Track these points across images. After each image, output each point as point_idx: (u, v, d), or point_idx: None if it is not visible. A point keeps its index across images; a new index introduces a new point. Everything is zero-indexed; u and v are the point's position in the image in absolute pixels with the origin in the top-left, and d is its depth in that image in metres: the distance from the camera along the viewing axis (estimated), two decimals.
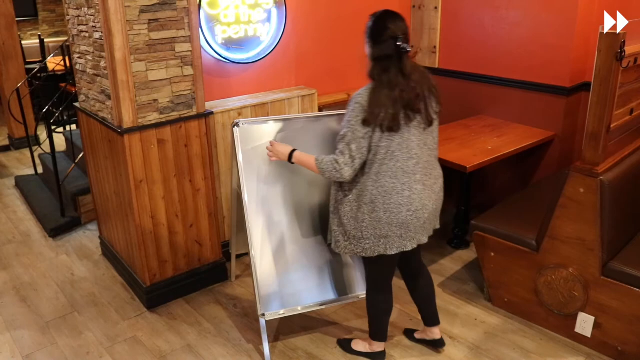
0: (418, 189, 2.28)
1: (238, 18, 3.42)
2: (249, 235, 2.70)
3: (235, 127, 2.74)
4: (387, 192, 2.25)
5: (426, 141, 2.30)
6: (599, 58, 2.41)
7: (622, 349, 2.64)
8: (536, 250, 2.83)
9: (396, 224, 2.29)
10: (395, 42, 2.15)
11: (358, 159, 2.22)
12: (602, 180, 2.53)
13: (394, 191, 2.25)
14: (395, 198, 2.26)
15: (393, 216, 2.27)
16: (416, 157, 2.26)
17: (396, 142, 2.21)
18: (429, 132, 2.30)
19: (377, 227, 2.30)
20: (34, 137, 5.74)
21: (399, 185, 2.25)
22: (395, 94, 2.17)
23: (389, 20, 2.19)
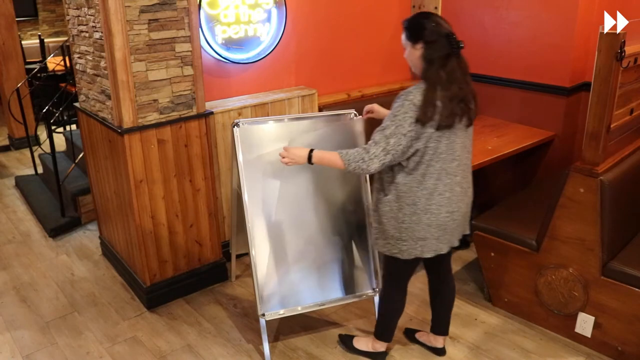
0: (457, 190, 2.27)
1: (238, 18, 3.42)
2: (249, 235, 2.70)
3: (235, 127, 2.73)
4: (430, 194, 2.23)
5: (465, 143, 2.28)
6: (599, 58, 2.41)
7: (622, 349, 2.64)
8: (536, 250, 2.83)
9: (435, 226, 2.27)
10: (449, 40, 2.12)
11: (391, 154, 2.15)
12: (602, 180, 2.53)
13: (436, 192, 2.23)
14: (437, 199, 2.23)
15: (433, 217, 2.25)
16: (458, 158, 2.25)
17: (444, 143, 2.18)
18: (468, 134, 2.29)
19: (416, 230, 2.27)
20: (34, 137, 5.74)
21: (441, 187, 2.23)
22: (452, 92, 2.13)
23: (436, 20, 2.16)
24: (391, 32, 4.31)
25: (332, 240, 2.87)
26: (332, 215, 2.87)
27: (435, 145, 2.17)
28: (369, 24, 4.11)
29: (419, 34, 2.15)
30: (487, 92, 4.04)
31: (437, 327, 2.73)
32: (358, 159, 2.20)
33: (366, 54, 4.18)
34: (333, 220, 2.88)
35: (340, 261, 2.88)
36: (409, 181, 2.24)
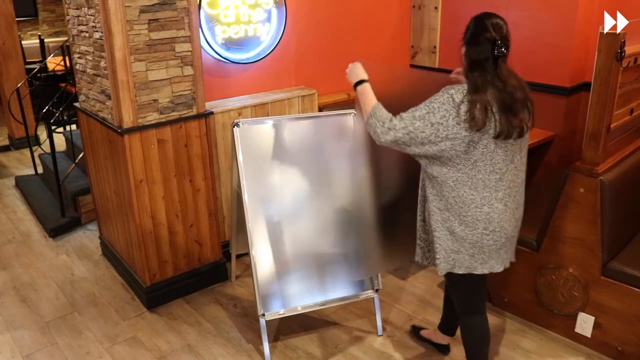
0: (499, 207, 2.08)
1: (238, 18, 3.42)
2: (249, 235, 2.70)
3: (235, 127, 2.74)
4: (465, 204, 2.07)
5: (513, 158, 2.08)
6: (599, 58, 2.41)
7: (622, 349, 2.64)
8: (536, 250, 2.83)
9: (470, 241, 2.11)
10: (493, 45, 2.00)
11: (409, 137, 2.02)
12: (602, 180, 2.53)
13: (473, 204, 2.06)
14: (473, 212, 2.07)
15: (468, 230, 2.09)
16: (499, 172, 2.05)
17: (479, 151, 2.00)
18: (517, 147, 2.08)
19: (449, 239, 2.14)
20: (34, 137, 5.74)
21: (479, 199, 2.06)
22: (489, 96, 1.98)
23: (489, 23, 2.06)
24: (391, 32, 4.31)
25: (332, 240, 2.87)
26: (332, 215, 2.87)
27: (466, 150, 2.00)
28: (369, 24, 4.11)
29: (467, 34, 2.10)
30: None
31: (447, 328, 2.71)
32: (381, 119, 2.09)
33: (366, 54, 4.18)
34: (333, 220, 2.87)
35: (340, 261, 2.88)
36: (439, 183, 2.10)
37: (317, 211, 2.86)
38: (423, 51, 4.41)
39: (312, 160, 2.86)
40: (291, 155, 2.83)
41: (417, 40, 4.43)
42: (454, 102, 1.98)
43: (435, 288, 3.32)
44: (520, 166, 2.15)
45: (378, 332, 2.91)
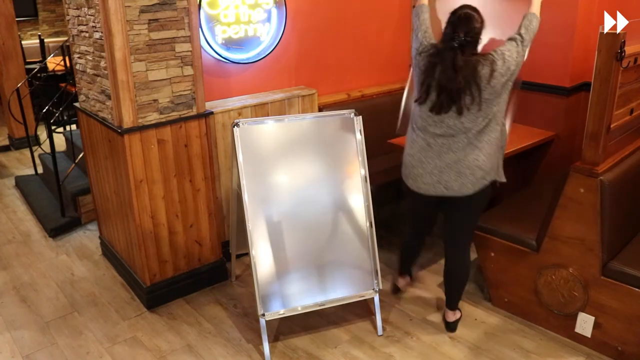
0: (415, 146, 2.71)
1: (238, 18, 3.42)
2: (249, 235, 2.70)
3: (235, 127, 2.74)
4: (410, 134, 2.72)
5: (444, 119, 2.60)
6: (599, 58, 2.41)
7: (622, 349, 2.64)
8: (536, 250, 2.83)
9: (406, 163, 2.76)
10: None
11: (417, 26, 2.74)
12: (602, 180, 2.53)
13: (410, 139, 2.71)
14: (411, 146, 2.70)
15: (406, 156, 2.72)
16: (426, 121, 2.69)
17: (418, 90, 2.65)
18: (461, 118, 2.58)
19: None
20: (34, 137, 5.74)
21: (413, 135, 2.69)
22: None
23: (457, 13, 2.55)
24: (391, 32, 4.31)
25: (332, 240, 2.87)
26: (332, 215, 2.87)
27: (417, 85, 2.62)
28: (369, 24, 4.11)
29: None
30: None
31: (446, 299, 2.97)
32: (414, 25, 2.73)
33: (366, 54, 4.18)
34: (333, 220, 2.88)
35: (340, 261, 2.88)
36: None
37: (317, 211, 2.86)
38: None
39: (312, 160, 2.86)
40: (291, 155, 2.83)
41: None
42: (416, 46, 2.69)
43: (436, 288, 3.32)
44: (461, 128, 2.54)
45: (378, 332, 2.91)
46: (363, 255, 2.89)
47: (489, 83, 2.42)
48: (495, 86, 2.44)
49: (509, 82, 2.49)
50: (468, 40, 2.44)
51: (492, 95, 2.46)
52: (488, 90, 2.44)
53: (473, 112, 2.48)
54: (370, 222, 2.88)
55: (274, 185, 2.80)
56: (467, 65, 2.41)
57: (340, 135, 2.89)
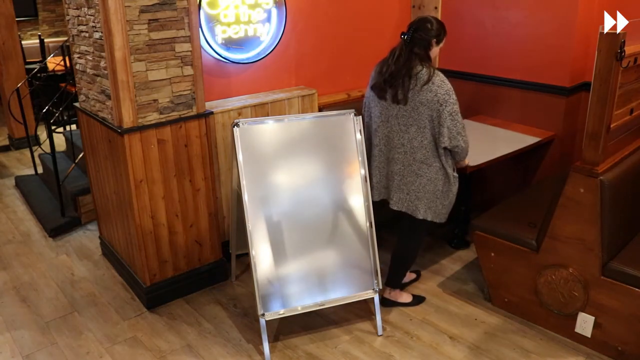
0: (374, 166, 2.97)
1: (238, 18, 3.42)
2: (249, 235, 2.70)
3: (235, 127, 2.74)
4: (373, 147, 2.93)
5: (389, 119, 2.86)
6: (599, 58, 2.41)
7: (622, 349, 2.64)
8: (536, 250, 2.83)
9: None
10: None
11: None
12: (602, 180, 2.53)
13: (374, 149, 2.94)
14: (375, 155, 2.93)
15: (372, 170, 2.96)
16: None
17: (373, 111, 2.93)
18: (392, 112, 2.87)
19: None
20: (34, 137, 5.74)
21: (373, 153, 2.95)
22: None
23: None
24: (391, 32, 4.31)
25: (332, 240, 2.87)
26: (332, 215, 2.87)
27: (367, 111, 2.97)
28: (369, 24, 4.11)
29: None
30: (487, 92, 4.04)
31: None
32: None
33: (366, 54, 4.18)
34: (333, 220, 2.88)
35: (340, 261, 2.88)
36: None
37: (317, 211, 2.85)
38: None
39: (312, 160, 2.86)
40: (291, 155, 2.83)
41: None
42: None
43: (436, 288, 3.32)
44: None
45: (378, 332, 2.91)
46: (363, 255, 2.89)
47: (417, 90, 2.63)
48: (419, 103, 2.64)
49: (429, 121, 2.66)
50: (415, 36, 2.66)
51: (414, 109, 2.66)
52: (413, 98, 2.64)
53: (407, 119, 2.69)
54: (370, 222, 2.88)
55: (274, 185, 2.80)
56: (405, 56, 2.66)
57: (340, 135, 2.89)
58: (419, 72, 2.63)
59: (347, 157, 2.89)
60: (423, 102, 2.62)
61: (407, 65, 2.64)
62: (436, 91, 2.59)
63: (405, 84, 2.64)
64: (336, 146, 2.89)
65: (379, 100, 2.78)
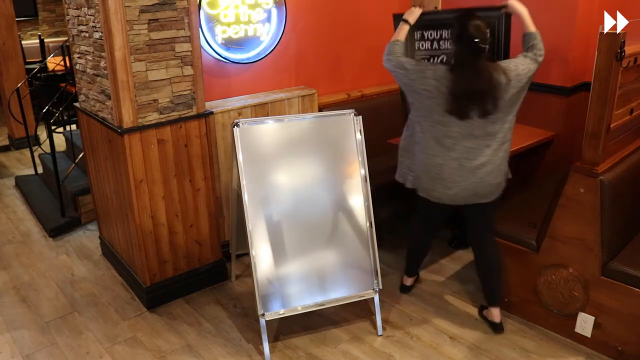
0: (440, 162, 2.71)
1: (238, 18, 3.42)
2: (249, 235, 2.70)
3: (235, 127, 2.74)
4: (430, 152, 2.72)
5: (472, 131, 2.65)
6: (599, 58, 2.41)
7: (622, 349, 2.64)
8: (536, 250, 2.83)
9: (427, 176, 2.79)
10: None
11: (395, 74, 2.76)
12: (602, 180, 2.53)
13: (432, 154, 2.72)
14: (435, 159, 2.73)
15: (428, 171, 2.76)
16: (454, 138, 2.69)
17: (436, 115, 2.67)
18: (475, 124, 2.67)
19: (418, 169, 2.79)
20: (34, 137, 5.74)
21: (436, 150, 2.71)
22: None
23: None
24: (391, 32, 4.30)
25: (332, 240, 2.87)
26: (332, 215, 2.87)
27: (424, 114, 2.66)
28: (369, 23, 4.11)
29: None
30: None
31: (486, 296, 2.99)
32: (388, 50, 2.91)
33: (366, 54, 4.18)
34: (333, 220, 2.88)
35: (340, 261, 2.88)
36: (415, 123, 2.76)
37: (317, 211, 2.85)
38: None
39: (312, 160, 2.87)
40: (291, 155, 2.83)
41: None
42: (423, 73, 2.58)
43: (436, 288, 3.32)
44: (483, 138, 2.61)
45: (378, 332, 2.91)
46: (363, 255, 2.89)
47: (505, 90, 2.50)
48: (509, 94, 2.52)
49: (520, 95, 2.59)
50: (483, 47, 2.49)
51: (506, 103, 2.53)
52: (504, 96, 2.51)
53: (494, 118, 2.54)
54: (370, 222, 2.88)
55: (274, 185, 2.80)
56: (487, 68, 2.47)
57: (340, 135, 2.89)
58: (498, 72, 2.49)
59: (347, 157, 2.89)
60: (513, 91, 2.53)
61: (493, 76, 2.47)
62: (512, 71, 2.51)
63: (495, 94, 2.48)
64: (336, 146, 2.89)
65: (459, 120, 2.54)
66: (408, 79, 2.63)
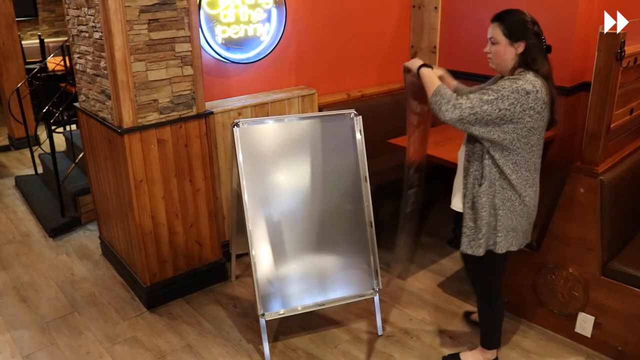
0: (537, 189, 2.33)
1: (238, 18, 3.42)
2: (249, 235, 2.70)
3: (235, 127, 2.74)
4: (524, 184, 2.24)
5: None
6: (599, 58, 2.41)
7: (622, 349, 2.64)
8: (536, 250, 2.83)
9: (526, 219, 2.31)
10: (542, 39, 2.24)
11: (474, 118, 2.12)
12: (602, 180, 2.53)
13: (527, 184, 2.25)
14: (528, 191, 2.26)
15: (526, 209, 2.29)
16: (540, 156, 2.29)
17: (536, 137, 2.20)
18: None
19: (509, 218, 2.26)
20: (34, 137, 5.74)
21: (531, 180, 2.26)
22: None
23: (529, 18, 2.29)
24: (391, 32, 4.31)
25: (332, 240, 2.87)
26: (332, 215, 2.87)
27: (526, 134, 2.15)
28: (369, 23, 4.12)
29: (523, 28, 2.19)
30: None
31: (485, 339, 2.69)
32: (446, 97, 2.17)
33: (366, 54, 4.18)
34: (333, 220, 2.87)
35: (340, 261, 2.88)
36: (503, 168, 2.20)
37: (317, 211, 2.85)
38: (423, 51, 4.40)
39: (312, 160, 2.86)
40: (291, 155, 2.83)
41: (417, 40, 4.43)
42: (524, 92, 2.09)
43: (436, 288, 3.32)
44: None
45: (378, 332, 2.91)
46: (363, 256, 2.89)
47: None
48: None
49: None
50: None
51: None
52: None
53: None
54: (370, 222, 2.88)
55: (274, 185, 2.80)
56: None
57: (340, 135, 2.89)
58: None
59: (347, 157, 2.89)
60: None
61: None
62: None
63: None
64: (336, 146, 2.89)
65: (543, 129, 2.22)
66: (500, 109, 2.09)
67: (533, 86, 2.09)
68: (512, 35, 2.16)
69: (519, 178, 2.22)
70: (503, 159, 2.18)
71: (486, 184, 2.23)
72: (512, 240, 2.31)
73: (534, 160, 2.23)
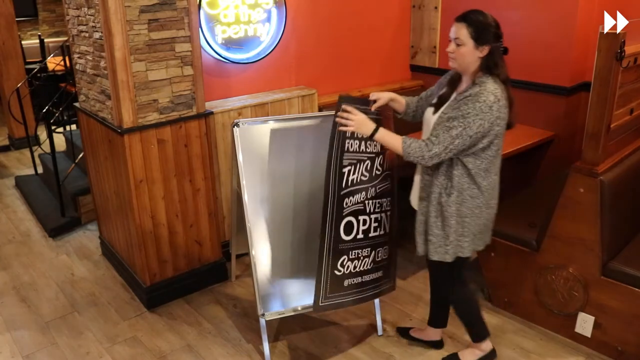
0: (498, 191, 2.39)
1: (238, 18, 3.42)
2: (249, 235, 2.70)
3: (235, 127, 2.74)
4: (494, 189, 2.31)
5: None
6: (599, 58, 2.41)
7: (622, 349, 2.64)
8: (536, 250, 2.83)
9: (484, 223, 2.35)
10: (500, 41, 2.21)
11: (452, 153, 2.16)
12: (602, 180, 2.53)
13: (496, 187, 2.33)
14: (496, 194, 2.34)
15: (491, 211, 2.36)
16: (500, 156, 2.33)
17: (500, 140, 2.24)
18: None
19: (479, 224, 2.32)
20: (34, 137, 5.74)
21: (497, 183, 2.33)
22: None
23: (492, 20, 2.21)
24: (391, 32, 4.31)
25: None
26: None
27: (499, 142, 2.22)
28: (369, 24, 4.11)
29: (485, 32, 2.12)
30: None
31: (435, 321, 2.75)
32: (418, 154, 2.19)
33: (366, 54, 4.18)
34: None
35: None
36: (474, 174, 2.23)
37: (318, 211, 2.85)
38: (423, 51, 4.41)
39: (312, 160, 2.86)
40: (291, 155, 2.83)
41: (417, 40, 4.43)
42: (488, 107, 2.11)
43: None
44: None
45: (378, 332, 2.91)
46: None
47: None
48: None
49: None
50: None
51: None
52: None
53: None
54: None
55: (274, 185, 2.80)
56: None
57: None
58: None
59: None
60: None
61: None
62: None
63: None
64: None
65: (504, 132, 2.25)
66: (470, 136, 2.12)
67: (495, 96, 2.11)
68: (478, 39, 2.12)
69: (490, 184, 2.27)
70: (476, 168, 2.22)
71: (455, 194, 2.25)
72: (478, 242, 2.38)
73: (499, 163, 2.30)
